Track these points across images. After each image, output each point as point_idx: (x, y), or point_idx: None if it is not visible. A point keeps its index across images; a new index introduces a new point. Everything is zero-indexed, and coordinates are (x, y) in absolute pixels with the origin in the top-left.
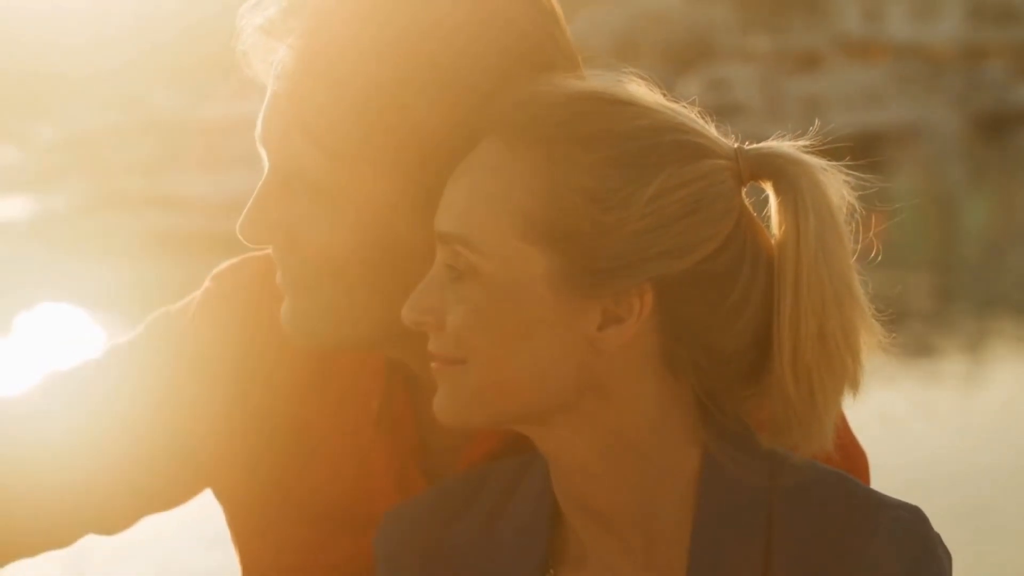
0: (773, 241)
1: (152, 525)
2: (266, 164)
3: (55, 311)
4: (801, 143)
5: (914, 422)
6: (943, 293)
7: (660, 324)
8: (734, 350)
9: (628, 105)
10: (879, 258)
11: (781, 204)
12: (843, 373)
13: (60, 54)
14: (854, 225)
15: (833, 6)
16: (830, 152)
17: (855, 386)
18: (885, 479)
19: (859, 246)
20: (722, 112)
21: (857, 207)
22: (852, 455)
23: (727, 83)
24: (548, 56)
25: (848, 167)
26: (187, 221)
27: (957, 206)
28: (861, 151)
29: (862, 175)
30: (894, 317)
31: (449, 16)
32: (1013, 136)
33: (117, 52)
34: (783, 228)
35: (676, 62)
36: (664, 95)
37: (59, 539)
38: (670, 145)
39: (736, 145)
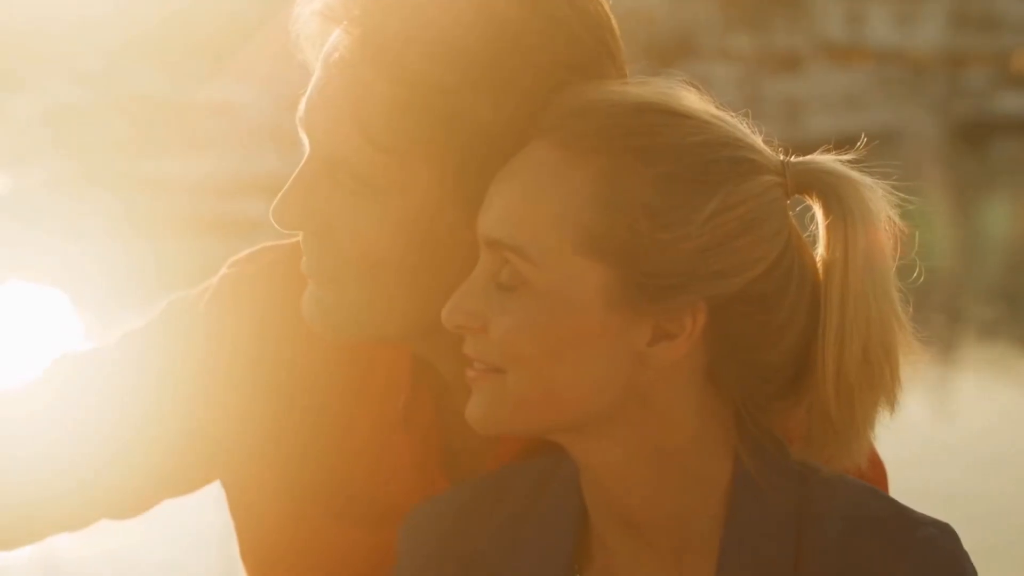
0: (818, 258)
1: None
2: (307, 148)
3: (26, 290)
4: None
5: None
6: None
7: (708, 340)
8: (778, 366)
9: (687, 118)
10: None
11: (831, 223)
12: (883, 390)
13: (44, 33)
14: (895, 242)
15: (816, 9)
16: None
17: (892, 402)
18: None
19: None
20: None
21: (899, 223)
22: (875, 466)
23: (708, 82)
24: (600, 67)
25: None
26: (164, 202)
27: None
28: (839, 154)
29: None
30: None
31: (509, 17)
32: (993, 144)
33: (103, 32)
34: (831, 246)
35: (658, 60)
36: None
37: (73, 522)
38: (728, 161)
39: (783, 159)
